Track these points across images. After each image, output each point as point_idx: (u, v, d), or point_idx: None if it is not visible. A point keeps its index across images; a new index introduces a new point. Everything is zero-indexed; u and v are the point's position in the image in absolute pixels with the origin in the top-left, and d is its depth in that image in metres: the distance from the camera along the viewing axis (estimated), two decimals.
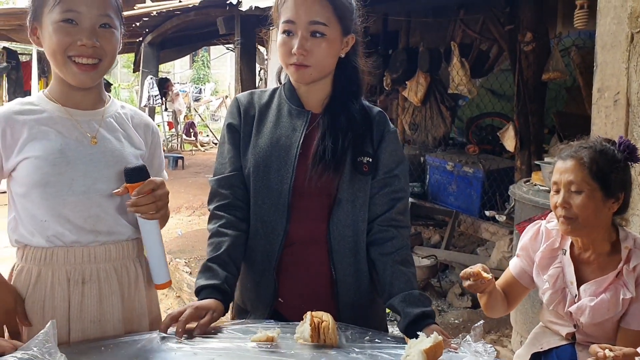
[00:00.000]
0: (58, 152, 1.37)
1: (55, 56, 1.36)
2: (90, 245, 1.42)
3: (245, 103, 1.60)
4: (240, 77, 4.96)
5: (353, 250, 1.53)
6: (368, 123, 1.57)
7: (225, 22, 5.12)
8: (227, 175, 1.55)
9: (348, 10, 1.49)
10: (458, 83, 5.16)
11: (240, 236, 1.52)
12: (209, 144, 14.63)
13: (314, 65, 1.46)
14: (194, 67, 21.98)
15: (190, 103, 15.27)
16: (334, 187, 1.49)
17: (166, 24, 6.79)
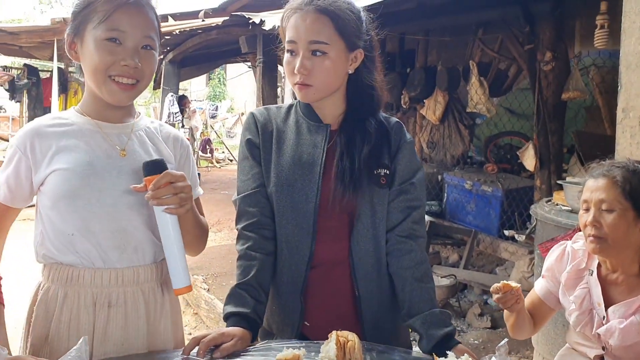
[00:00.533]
0: (86, 164, 1.37)
1: (96, 74, 1.37)
2: (118, 267, 1.40)
3: (262, 119, 1.58)
4: (262, 95, 4.99)
5: (375, 265, 1.52)
6: (385, 135, 1.55)
7: (248, 41, 5.17)
8: (253, 192, 1.53)
9: (352, 26, 1.47)
10: (477, 102, 5.16)
11: (267, 259, 1.51)
12: (224, 161, 14.70)
13: (316, 85, 1.46)
14: (210, 85, 22.17)
15: (207, 120, 15.37)
16: (354, 204, 1.49)
17: (187, 42, 6.87)
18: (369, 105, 1.54)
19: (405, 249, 1.52)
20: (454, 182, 5.70)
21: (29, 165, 1.40)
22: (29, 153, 1.39)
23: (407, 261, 1.51)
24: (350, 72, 1.51)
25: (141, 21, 1.38)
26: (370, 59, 1.54)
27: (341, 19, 1.44)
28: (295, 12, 1.46)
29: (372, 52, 1.54)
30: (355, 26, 1.48)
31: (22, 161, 1.40)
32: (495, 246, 5.17)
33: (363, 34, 1.51)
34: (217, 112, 17.80)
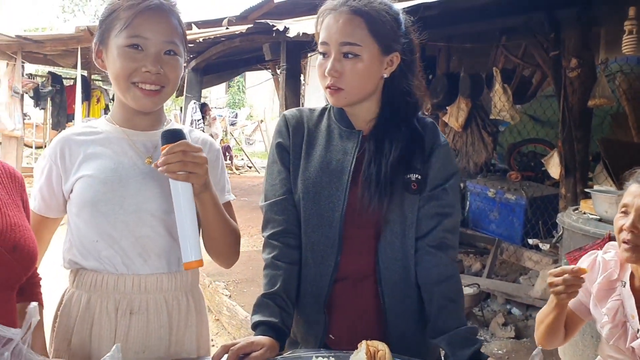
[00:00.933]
0: (111, 170, 1.38)
1: (119, 81, 1.36)
2: (141, 274, 1.40)
3: (294, 122, 1.54)
4: (285, 102, 4.99)
5: (402, 273, 1.47)
6: (417, 137, 1.48)
7: (271, 48, 5.19)
8: (280, 199, 1.50)
9: (387, 28, 1.42)
10: (500, 109, 5.11)
11: (293, 268, 1.48)
12: (243, 167, 14.76)
13: (347, 88, 1.41)
14: (229, 93, 22.32)
15: (227, 127, 15.47)
16: (382, 212, 1.43)
17: (211, 50, 6.91)
18: (403, 111, 1.49)
19: (434, 261, 1.45)
20: (476, 190, 5.64)
21: (59, 174, 1.41)
22: (59, 162, 1.41)
23: (435, 275, 1.45)
24: (385, 76, 1.46)
25: (163, 27, 1.37)
26: (408, 63, 1.48)
27: (376, 20, 1.40)
28: (330, 13, 1.42)
29: (410, 56, 1.48)
30: (392, 28, 1.43)
31: (53, 170, 1.42)
32: (519, 255, 5.10)
33: (400, 36, 1.45)
34: (237, 120, 17.92)
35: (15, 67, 9.23)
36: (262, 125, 15.53)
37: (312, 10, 5.53)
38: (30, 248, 1.22)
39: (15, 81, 9.25)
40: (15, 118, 9.18)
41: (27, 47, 9.14)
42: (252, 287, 4.76)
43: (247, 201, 8.86)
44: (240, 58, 8.25)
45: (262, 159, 16.31)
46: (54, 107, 11.15)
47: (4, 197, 1.23)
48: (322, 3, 1.46)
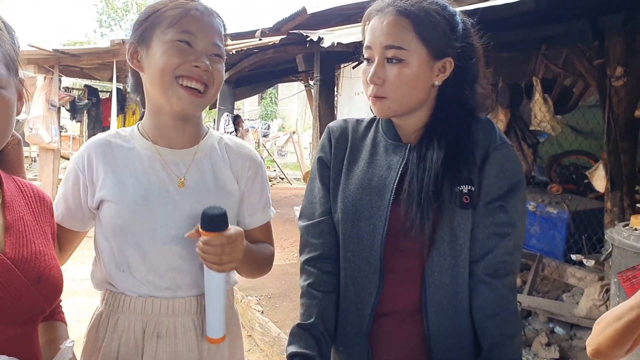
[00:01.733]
0: (141, 197, 1.29)
1: (163, 75, 1.27)
2: (170, 297, 1.33)
3: (338, 134, 1.42)
4: (319, 113, 4.92)
5: (452, 300, 1.31)
6: (468, 141, 1.31)
7: (305, 59, 5.13)
8: (318, 221, 1.39)
9: (438, 30, 1.27)
10: (540, 120, 4.95)
11: (330, 297, 1.37)
12: (276, 179, 14.78)
13: (390, 97, 1.28)
14: (262, 104, 22.49)
15: (259, 139, 15.52)
16: (426, 233, 1.27)
17: (244, 62, 6.90)
18: (454, 121, 1.33)
19: (489, 291, 1.29)
20: None
21: (86, 184, 1.34)
22: (87, 172, 1.34)
23: (490, 307, 1.29)
24: (437, 83, 1.32)
25: (211, 28, 1.32)
26: (463, 69, 1.32)
27: (424, 21, 1.26)
28: (375, 15, 1.31)
29: (466, 62, 1.32)
30: (443, 31, 1.28)
31: (79, 179, 1.35)
32: (562, 271, 4.91)
33: (454, 40, 1.30)
34: (269, 131, 17.99)
35: (52, 81, 9.39)
36: (294, 137, 15.54)
37: (347, 20, 5.48)
38: (55, 279, 1.13)
39: (52, 94, 9.40)
40: (52, 131, 9.31)
41: (63, 61, 9.29)
42: (284, 302, 4.67)
43: (280, 213, 8.79)
44: (273, 70, 8.24)
45: (295, 170, 16.32)
46: (90, 120, 11.31)
47: (30, 223, 1.15)
48: (358, 13, 1.36)
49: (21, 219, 1.12)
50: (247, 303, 4.65)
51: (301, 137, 15.30)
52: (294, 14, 5.73)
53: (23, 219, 1.13)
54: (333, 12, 5.84)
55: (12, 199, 1.13)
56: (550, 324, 4.33)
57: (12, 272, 1.03)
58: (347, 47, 3.79)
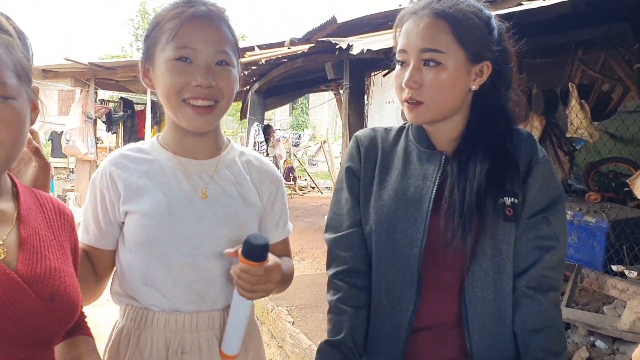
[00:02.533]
0: (165, 209, 1.26)
1: (169, 99, 1.24)
2: (193, 311, 1.28)
3: (367, 144, 1.37)
4: (348, 122, 4.87)
5: (494, 319, 1.25)
6: (511, 154, 1.26)
7: (334, 67, 5.08)
8: (345, 233, 1.34)
9: (476, 33, 1.23)
10: (577, 126, 4.81)
11: (360, 312, 1.31)
12: (307, 188, 14.82)
13: (427, 102, 1.23)
14: (293, 114, 22.61)
15: (290, 148, 15.57)
16: (467, 246, 1.22)
17: (273, 72, 6.91)
18: (493, 127, 1.28)
19: (532, 306, 1.24)
20: None
21: (112, 200, 1.31)
22: (110, 187, 1.30)
23: (533, 322, 1.24)
24: (474, 88, 1.27)
25: (212, 36, 1.24)
26: (500, 73, 1.28)
27: (462, 24, 1.22)
28: (410, 17, 1.26)
29: (503, 66, 1.28)
30: (481, 34, 1.24)
31: (105, 196, 1.32)
32: (602, 282, 4.74)
33: (492, 43, 1.26)
34: (300, 141, 18.03)
35: (89, 93, 9.59)
36: (325, 146, 15.55)
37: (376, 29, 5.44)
38: (71, 297, 1.06)
39: (89, 107, 9.60)
40: (88, 143, 9.49)
41: (99, 74, 9.49)
42: (316, 313, 4.62)
43: (311, 222, 8.78)
44: (302, 79, 8.24)
45: (325, 179, 16.32)
46: (125, 132, 11.51)
47: (47, 237, 1.10)
48: (388, 22, 1.32)
49: (37, 233, 1.07)
50: (277, 314, 4.61)
51: (332, 146, 15.29)
52: (324, 24, 5.73)
53: (39, 234, 1.08)
54: (363, 21, 5.82)
55: (28, 213, 1.09)
56: (590, 337, 4.17)
57: (22, 290, 0.97)
58: (377, 54, 3.74)
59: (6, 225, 1.03)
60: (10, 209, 1.06)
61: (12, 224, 1.04)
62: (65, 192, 10.54)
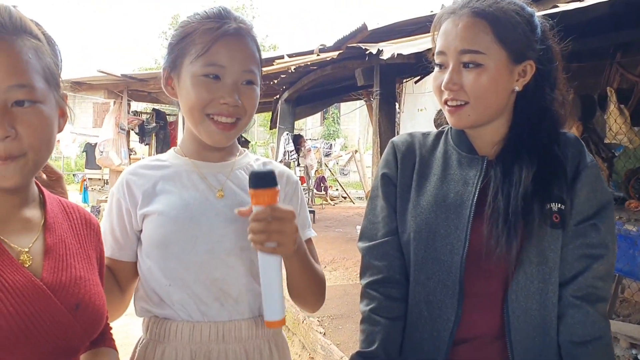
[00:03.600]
0: (181, 207, 1.25)
1: (193, 113, 1.24)
2: (218, 320, 1.25)
3: (404, 149, 1.33)
4: (379, 129, 4.81)
5: (539, 328, 1.19)
6: (558, 159, 1.21)
7: (364, 73, 5.03)
8: (380, 242, 1.30)
9: (518, 32, 1.18)
10: (616, 132, 4.66)
11: (394, 324, 1.26)
12: (338, 198, 14.79)
13: (470, 104, 1.18)
14: (324, 124, 22.66)
15: (321, 158, 15.58)
16: (512, 254, 1.17)
17: (302, 80, 6.91)
18: (539, 130, 1.22)
19: (579, 316, 1.18)
20: None
21: (129, 210, 1.30)
22: (127, 197, 1.30)
23: (580, 333, 1.18)
24: (517, 89, 1.22)
25: (242, 54, 1.24)
26: (544, 73, 1.22)
27: (503, 23, 1.17)
28: (448, 18, 1.21)
29: (548, 65, 1.22)
30: (524, 32, 1.19)
31: (122, 206, 1.31)
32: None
33: (535, 42, 1.21)
34: (331, 150, 18.05)
35: (122, 105, 9.76)
36: (357, 156, 15.52)
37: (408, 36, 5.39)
38: (96, 306, 1.05)
39: (122, 118, 9.77)
40: (121, 154, 9.66)
41: (132, 86, 9.66)
42: (347, 324, 4.55)
43: (342, 232, 8.73)
44: (332, 87, 8.22)
45: (357, 189, 16.27)
46: (157, 143, 11.68)
47: (73, 246, 1.09)
48: (420, 28, 1.27)
49: (63, 242, 1.07)
50: (309, 324, 4.56)
51: (363, 156, 15.25)
52: (354, 31, 5.70)
53: (65, 242, 1.07)
54: (394, 27, 5.76)
55: (54, 221, 1.08)
56: (632, 350, 4.03)
57: (47, 298, 0.96)
58: (408, 58, 3.69)
59: (33, 232, 1.03)
60: (37, 217, 1.06)
61: (38, 231, 1.04)
62: (100, 202, 10.72)
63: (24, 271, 0.96)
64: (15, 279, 0.93)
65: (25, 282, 0.94)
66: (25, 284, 0.94)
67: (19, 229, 1.01)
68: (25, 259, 0.98)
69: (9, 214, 1.01)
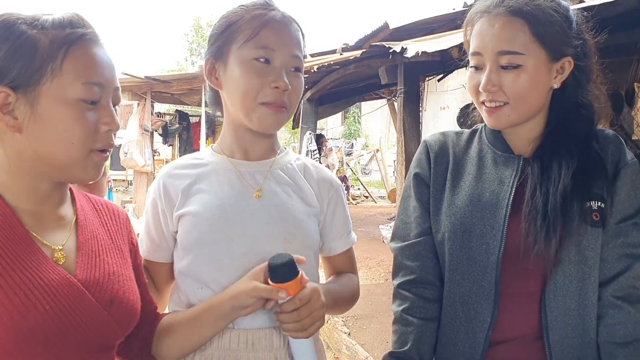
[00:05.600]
0: (217, 208, 1.22)
1: (245, 100, 1.21)
2: (248, 328, 1.22)
3: (437, 148, 1.31)
4: (403, 128, 4.77)
5: (578, 330, 1.17)
6: (597, 156, 1.19)
7: (388, 72, 5.00)
8: (413, 242, 1.29)
9: (556, 29, 1.16)
10: None
11: (428, 325, 1.25)
12: (360, 198, 14.73)
13: (510, 105, 1.17)
14: (345, 123, 22.61)
15: (343, 157, 15.54)
16: (550, 255, 1.15)
17: (325, 79, 6.90)
18: (576, 126, 1.21)
19: (620, 317, 1.16)
20: None
21: (164, 210, 1.29)
22: (164, 198, 1.29)
23: (621, 334, 1.16)
24: (555, 86, 1.21)
25: (290, 40, 1.23)
26: (582, 69, 1.21)
27: (541, 21, 1.15)
28: (482, 17, 1.19)
29: (585, 61, 1.21)
30: (562, 29, 1.17)
31: (158, 207, 1.30)
32: None
33: (572, 38, 1.19)
34: (353, 150, 17.99)
35: (145, 107, 9.84)
36: (378, 155, 15.46)
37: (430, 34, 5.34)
38: (130, 302, 1.06)
39: (146, 120, 9.84)
40: (145, 155, 9.72)
41: (155, 87, 9.72)
42: (372, 324, 4.54)
43: (365, 232, 8.70)
44: (355, 86, 8.19)
45: (379, 188, 16.20)
46: (181, 144, 11.73)
47: (105, 241, 1.10)
48: (443, 26, 1.26)
49: (95, 237, 1.08)
50: (333, 324, 4.55)
51: (385, 155, 15.18)
52: (376, 30, 5.65)
53: (97, 238, 1.09)
54: (416, 25, 5.71)
55: (85, 217, 1.09)
56: None
57: (82, 295, 0.97)
58: (432, 56, 3.66)
59: (65, 230, 1.05)
60: (69, 214, 1.08)
61: (71, 229, 1.06)
62: (124, 203, 10.84)
63: (58, 269, 0.97)
64: (50, 277, 0.95)
65: (59, 279, 0.96)
66: (60, 281, 0.96)
67: (53, 227, 1.03)
68: (59, 257, 1.00)
69: (44, 212, 1.03)
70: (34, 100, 0.96)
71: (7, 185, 0.99)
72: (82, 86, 0.97)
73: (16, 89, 0.95)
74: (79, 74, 0.97)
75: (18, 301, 0.89)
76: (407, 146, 4.83)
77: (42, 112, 0.96)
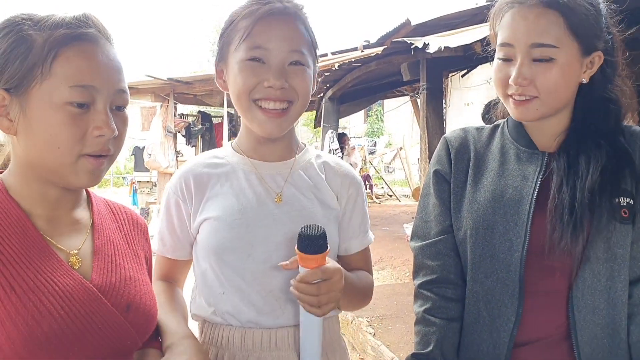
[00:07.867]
0: (238, 212, 1.20)
1: (240, 99, 1.19)
2: (272, 327, 1.20)
3: (457, 144, 1.28)
4: (427, 124, 4.71)
5: (607, 328, 1.14)
6: (624, 151, 1.16)
7: (410, 68, 4.95)
8: (434, 241, 1.26)
9: (590, 22, 1.13)
10: None
11: (450, 325, 1.22)
12: (383, 196, 14.68)
13: (539, 98, 1.13)
14: (368, 122, 22.54)
15: (366, 156, 15.48)
16: (577, 252, 1.12)
17: (346, 77, 6.86)
18: (602, 121, 1.18)
19: None
20: None
21: (188, 210, 1.26)
22: (186, 196, 1.26)
23: None
24: (584, 81, 1.18)
25: (287, 34, 1.18)
26: (611, 63, 1.19)
27: (576, 13, 1.12)
28: (512, 7, 1.16)
29: (614, 55, 1.19)
30: (595, 22, 1.14)
31: (180, 205, 1.27)
32: None
33: (603, 32, 1.16)
34: (376, 148, 17.93)
35: (168, 108, 9.91)
36: (402, 153, 15.37)
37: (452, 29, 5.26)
38: (147, 307, 1.04)
39: (169, 121, 9.91)
40: (169, 156, 9.79)
41: (178, 89, 9.79)
42: (397, 324, 4.48)
43: (389, 231, 8.64)
44: (377, 84, 8.15)
45: (403, 186, 16.10)
46: (204, 144, 11.80)
47: (122, 246, 1.09)
48: (465, 22, 1.22)
49: (111, 242, 1.06)
50: (358, 325, 4.51)
51: (408, 153, 15.08)
52: (398, 27, 5.59)
53: (113, 243, 1.07)
54: (439, 22, 5.63)
55: (102, 222, 1.08)
56: None
57: (98, 300, 0.96)
58: (455, 51, 3.59)
59: (81, 234, 1.03)
60: (86, 218, 1.06)
61: (87, 233, 1.04)
62: (149, 205, 10.92)
63: (74, 274, 0.95)
64: (65, 282, 0.93)
65: (74, 284, 0.94)
66: (75, 286, 0.94)
67: (69, 231, 1.01)
68: (75, 261, 0.98)
69: (59, 216, 1.01)
70: (24, 103, 0.93)
71: (19, 190, 0.98)
72: (70, 89, 0.93)
73: (9, 91, 0.93)
74: (68, 76, 0.94)
75: (32, 307, 0.88)
76: (430, 144, 4.77)
77: (30, 116, 0.93)
